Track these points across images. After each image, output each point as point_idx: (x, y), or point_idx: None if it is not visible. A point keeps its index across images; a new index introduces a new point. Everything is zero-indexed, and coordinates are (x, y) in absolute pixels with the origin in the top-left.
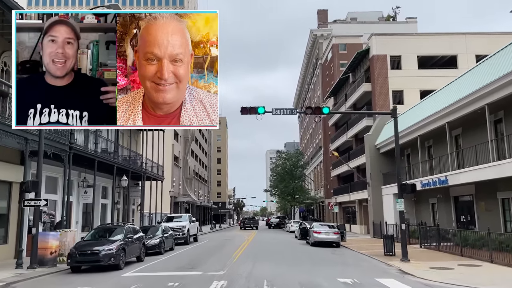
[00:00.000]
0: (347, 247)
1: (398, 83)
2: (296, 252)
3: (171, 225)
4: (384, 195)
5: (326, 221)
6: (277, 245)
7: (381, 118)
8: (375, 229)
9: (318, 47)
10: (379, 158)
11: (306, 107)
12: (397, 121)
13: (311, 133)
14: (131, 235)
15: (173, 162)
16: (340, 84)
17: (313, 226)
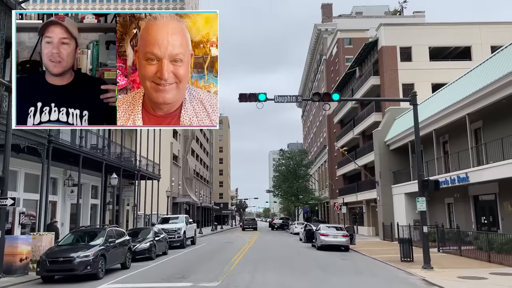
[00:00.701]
0: (357, 251)
1: (409, 76)
2: (302, 258)
3: (166, 227)
4: (394, 195)
5: (331, 222)
6: (280, 249)
7: (390, 113)
8: (385, 231)
9: (322, 43)
10: (389, 155)
11: (313, 93)
12: (417, 109)
13: (315, 132)
14: (114, 239)
15: (172, 161)
16: (345, 79)
17: (319, 228)
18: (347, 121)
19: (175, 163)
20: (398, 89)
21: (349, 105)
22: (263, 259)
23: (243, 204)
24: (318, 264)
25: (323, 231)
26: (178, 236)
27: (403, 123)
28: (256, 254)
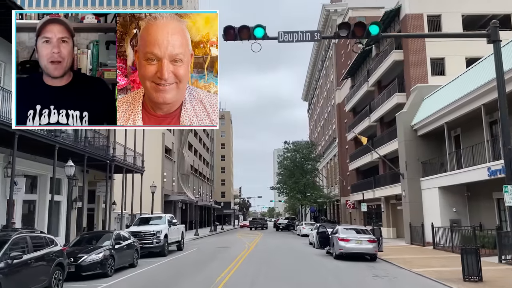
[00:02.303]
0: (388, 261)
1: (438, 49)
2: (318, 272)
3: (143, 229)
4: (424, 190)
5: (342, 222)
6: (287, 258)
7: (418, 91)
8: (414, 234)
9: (331, 25)
10: (417, 142)
11: (339, 24)
12: (499, 47)
13: (323, 125)
14: (28, 250)
15: (163, 154)
16: (359, 61)
17: (337, 231)
18: (361, 108)
19: (168, 157)
20: (426, 65)
21: (364, 89)
22: (263, 274)
23: (247, 203)
24: (342, 284)
25: (343, 235)
26: (157, 241)
27: (434, 102)
28: (255, 267)
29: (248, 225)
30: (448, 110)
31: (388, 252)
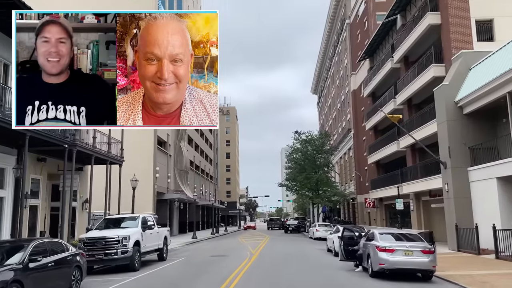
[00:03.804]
0: (453, 282)
1: (485, 9)
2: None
3: (105, 234)
4: (474, 182)
5: (359, 223)
6: (302, 275)
7: (463, 59)
8: (462, 238)
9: (344, 4)
10: (462, 122)
11: None
12: None
13: (335, 117)
14: None
15: (155, 145)
16: (380, 36)
17: (373, 237)
18: (382, 92)
19: (161, 149)
20: (470, 28)
21: (387, 67)
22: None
23: (253, 203)
24: None
25: (383, 244)
26: (124, 251)
27: (486, 71)
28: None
29: (253, 226)
30: (488, 89)
31: (442, 266)
